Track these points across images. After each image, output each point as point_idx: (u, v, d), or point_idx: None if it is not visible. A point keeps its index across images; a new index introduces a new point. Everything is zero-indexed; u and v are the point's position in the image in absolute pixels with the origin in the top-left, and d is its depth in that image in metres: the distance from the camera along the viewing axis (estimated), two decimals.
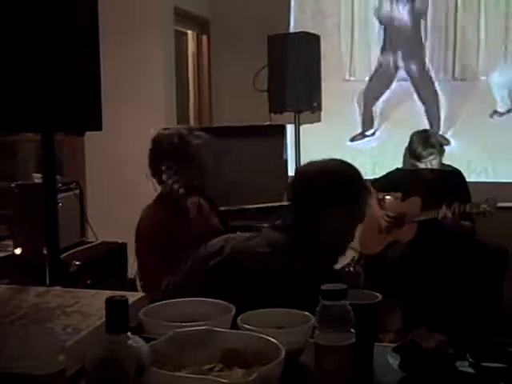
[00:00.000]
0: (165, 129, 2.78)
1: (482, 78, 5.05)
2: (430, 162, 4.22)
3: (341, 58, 5.24)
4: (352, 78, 5.32)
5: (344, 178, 1.97)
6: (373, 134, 5.25)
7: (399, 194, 4.42)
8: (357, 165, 2.06)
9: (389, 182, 4.41)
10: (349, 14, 5.28)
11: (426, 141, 4.25)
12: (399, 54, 5.19)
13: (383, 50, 5.23)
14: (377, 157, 5.03)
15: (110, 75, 4.06)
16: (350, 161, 2.06)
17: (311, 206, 1.95)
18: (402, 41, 5.20)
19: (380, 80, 5.22)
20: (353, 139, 5.25)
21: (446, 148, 4.54)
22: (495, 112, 5.00)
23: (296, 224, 1.97)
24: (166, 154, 2.68)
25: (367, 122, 5.25)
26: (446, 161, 4.38)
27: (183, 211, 2.75)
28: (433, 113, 5.11)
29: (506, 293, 4.16)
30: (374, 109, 5.24)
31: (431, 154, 4.20)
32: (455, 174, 4.33)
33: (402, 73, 5.23)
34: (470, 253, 4.11)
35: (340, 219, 1.94)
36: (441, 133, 5.05)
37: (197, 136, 2.75)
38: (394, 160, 4.53)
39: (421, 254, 4.05)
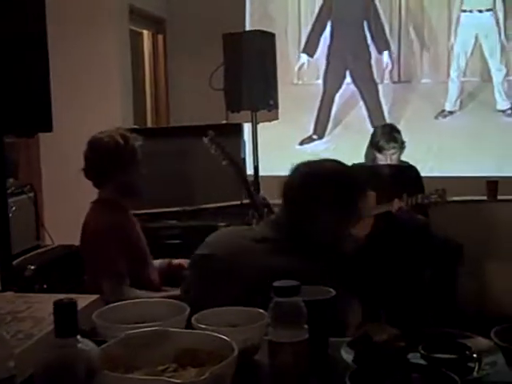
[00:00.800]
0: (100, 132, 2.76)
1: (425, 80, 5.13)
2: (390, 156, 4.27)
3: (289, 62, 5.26)
4: (300, 82, 5.34)
5: (338, 179, 1.98)
6: (321, 137, 5.28)
7: None
8: None
9: None
10: (295, 19, 5.31)
11: (389, 134, 4.30)
12: (347, 55, 5.24)
13: (330, 51, 5.26)
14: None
15: (64, 77, 4.03)
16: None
17: (303, 204, 1.95)
18: (348, 42, 5.25)
19: (330, 82, 5.26)
20: (301, 143, 5.28)
21: None
22: (441, 113, 5.09)
23: (287, 221, 1.97)
24: (112, 155, 2.66)
25: (320, 125, 5.28)
26: None
27: (125, 212, 2.75)
28: (376, 115, 5.17)
29: (459, 286, 4.25)
30: (329, 112, 5.27)
31: (393, 147, 4.25)
32: (410, 169, 4.39)
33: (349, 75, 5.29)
34: (424, 246, 4.18)
35: (331, 220, 1.94)
36: None
37: (135, 138, 2.74)
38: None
39: (377, 247, 4.10)
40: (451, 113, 5.11)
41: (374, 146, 4.31)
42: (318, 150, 5.24)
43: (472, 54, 5.06)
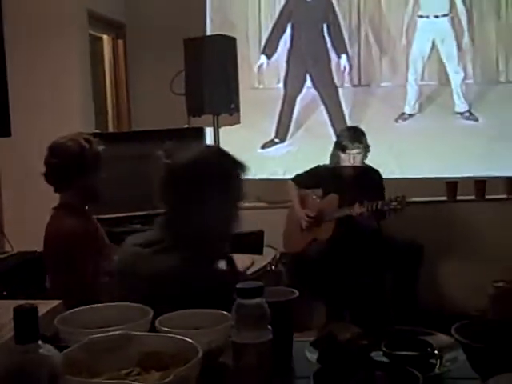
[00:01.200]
0: (62, 137, 2.73)
1: (385, 83, 5.21)
2: (353, 156, 4.29)
3: (250, 66, 5.28)
4: (261, 86, 5.37)
5: (202, 165, 1.87)
6: (282, 141, 5.31)
7: (320, 191, 4.50)
8: (268, 171, 2.00)
9: (309, 179, 4.48)
10: (256, 24, 5.34)
11: (354, 135, 4.35)
12: (307, 59, 5.28)
13: (290, 54, 5.29)
14: (288, 163, 5.11)
15: (23, 82, 3.98)
16: (261, 167, 1.99)
17: (176, 198, 1.87)
18: (308, 46, 5.29)
19: (291, 85, 5.29)
20: (263, 147, 5.30)
21: None
22: (400, 116, 5.17)
23: (167, 219, 1.90)
24: (76, 160, 2.63)
25: (282, 129, 5.30)
26: None
27: (88, 217, 2.73)
28: (337, 118, 5.21)
29: (420, 285, 4.31)
30: (290, 115, 5.30)
31: (357, 147, 4.28)
32: (372, 172, 4.44)
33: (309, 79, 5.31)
34: (385, 249, 4.22)
35: (207, 207, 1.84)
36: None
37: (97, 142, 2.73)
38: (305, 165, 4.60)
39: (338, 251, 4.14)
40: (411, 116, 5.19)
41: (339, 146, 4.35)
42: (280, 154, 5.27)
43: (429, 58, 5.14)
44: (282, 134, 5.29)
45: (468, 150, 5.01)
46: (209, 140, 4.23)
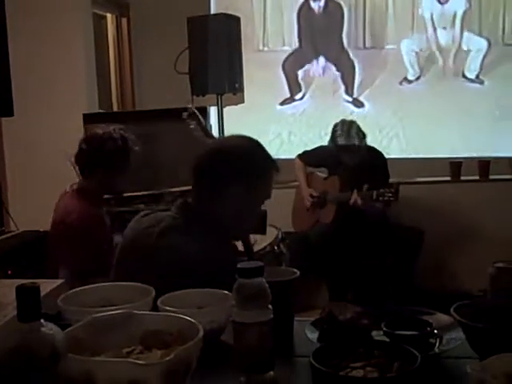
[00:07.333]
0: (101, 127, 2.79)
1: (391, 46, 5.21)
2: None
3: (254, 29, 5.29)
4: (266, 49, 5.39)
5: (241, 154, 1.87)
6: (301, 98, 5.32)
7: (325, 171, 4.51)
8: (285, 128, 2.02)
9: (315, 157, 4.48)
10: None
11: (348, 133, 4.30)
12: (317, 15, 5.28)
13: (299, 18, 5.30)
14: (307, 119, 5.13)
15: (26, 61, 3.97)
16: (277, 124, 2.00)
17: (208, 183, 1.85)
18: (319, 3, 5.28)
19: (304, 42, 5.31)
20: (282, 103, 5.32)
21: (360, 111, 4.81)
22: (405, 79, 5.17)
23: (194, 201, 1.88)
24: (109, 156, 2.72)
25: (294, 87, 5.34)
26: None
27: (103, 208, 2.81)
28: (348, 80, 5.23)
29: (424, 266, 4.33)
30: (298, 74, 5.32)
31: (350, 144, 4.29)
32: (375, 154, 4.41)
33: None
34: (387, 232, 4.23)
35: (235, 198, 1.83)
36: (355, 96, 5.23)
37: (134, 141, 2.82)
38: (322, 121, 4.59)
39: (340, 234, 4.15)
40: (416, 79, 5.21)
41: (333, 141, 4.35)
42: (298, 110, 5.27)
43: (435, 22, 5.14)
44: (295, 91, 5.33)
45: (472, 113, 5.02)
46: (213, 119, 4.22)
